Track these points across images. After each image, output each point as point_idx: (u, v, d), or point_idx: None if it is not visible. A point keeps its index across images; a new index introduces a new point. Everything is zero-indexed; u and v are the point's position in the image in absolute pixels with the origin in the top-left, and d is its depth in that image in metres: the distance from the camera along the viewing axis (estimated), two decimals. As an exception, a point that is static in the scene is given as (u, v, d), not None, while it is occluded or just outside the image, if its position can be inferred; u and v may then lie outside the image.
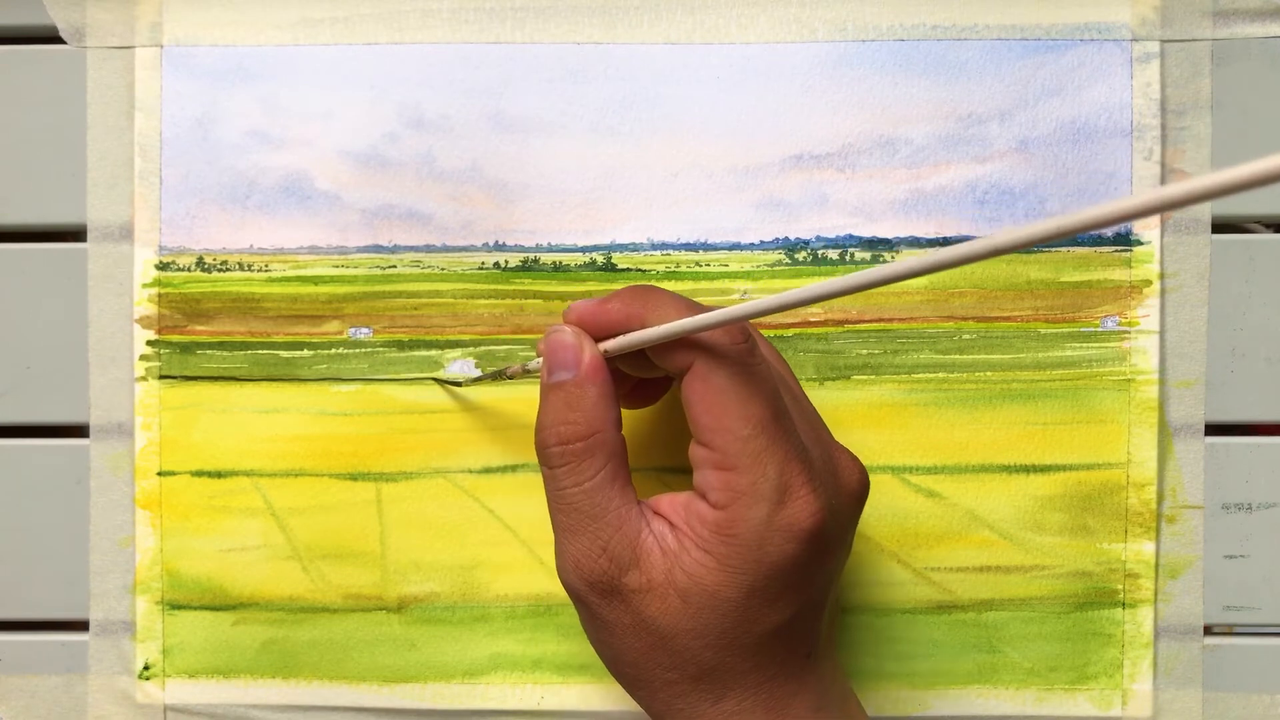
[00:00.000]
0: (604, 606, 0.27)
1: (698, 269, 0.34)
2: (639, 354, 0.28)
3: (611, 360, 0.28)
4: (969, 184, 0.34)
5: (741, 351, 0.26)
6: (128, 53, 0.35)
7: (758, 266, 0.34)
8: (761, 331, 0.34)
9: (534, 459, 0.34)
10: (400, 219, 0.35)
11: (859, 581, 0.34)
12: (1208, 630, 0.35)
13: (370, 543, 0.35)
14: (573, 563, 0.27)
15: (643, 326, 0.27)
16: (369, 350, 0.35)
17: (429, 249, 0.35)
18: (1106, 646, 0.34)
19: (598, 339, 0.28)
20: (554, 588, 0.35)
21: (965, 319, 0.34)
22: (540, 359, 0.29)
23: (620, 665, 0.28)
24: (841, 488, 0.28)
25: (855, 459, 0.29)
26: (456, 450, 0.35)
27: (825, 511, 0.26)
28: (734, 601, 0.26)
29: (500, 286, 0.35)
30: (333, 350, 0.35)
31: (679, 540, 0.27)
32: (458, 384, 0.35)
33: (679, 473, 0.34)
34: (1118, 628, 0.34)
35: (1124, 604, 0.34)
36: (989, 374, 0.34)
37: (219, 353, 0.35)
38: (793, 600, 0.27)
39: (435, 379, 0.35)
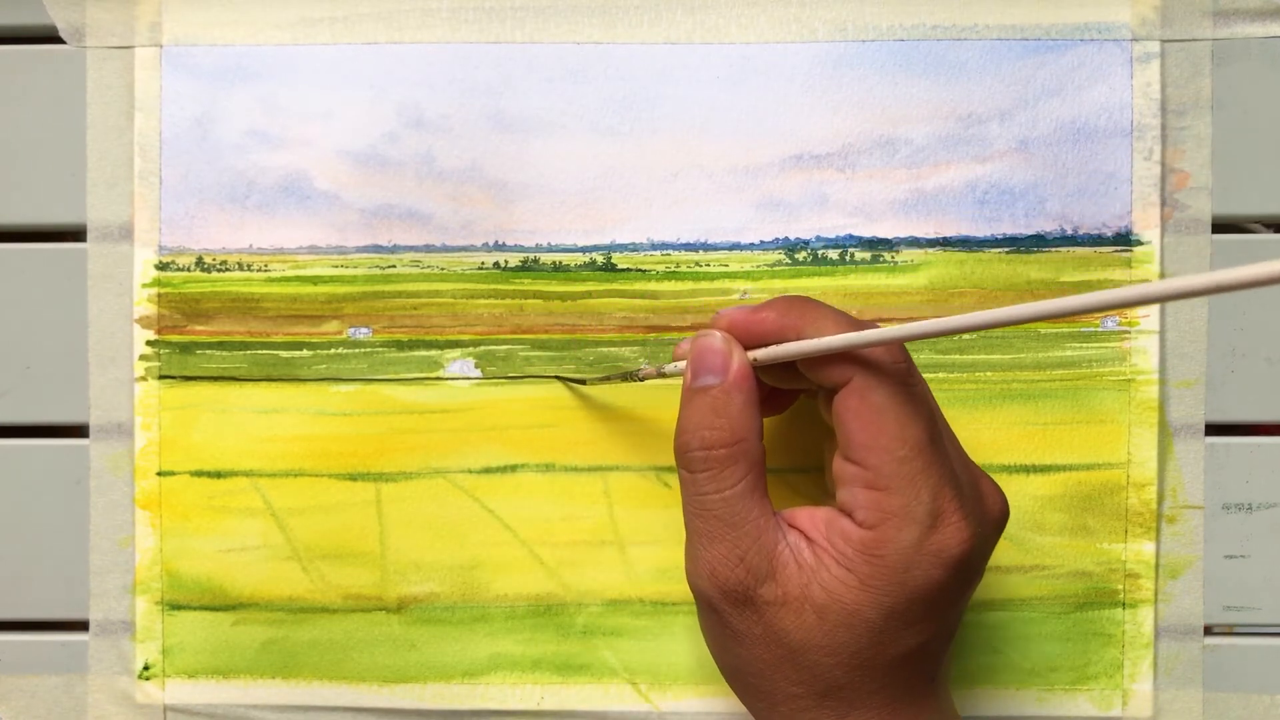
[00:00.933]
0: (735, 616, 0.27)
1: (698, 269, 0.34)
2: (784, 365, 0.27)
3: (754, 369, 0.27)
4: (969, 184, 0.34)
5: (902, 370, 0.26)
6: (127, 53, 0.35)
7: (758, 266, 0.34)
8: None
9: (534, 459, 0.34)
10: (400, 219, 0.35)
11: (859, 581, 0.34)
12: (1208, 630, 0.35)
13: (370, 543, 0.35)
14: (708, 569, 0.27)
15: (799, 338, 0.27)
16: (368, 350, 0.35)
17: (429, 249, 0.35)
18: (1107, 647, 0.34)
19: (745, 347, 0.27)
20: (554, 588, 0.35)
21: (965, 319, 0.34)
22: (678, 362, 0.29)
23: (742, 674, 0.28)
24: (986, 515, 0.28)
25: (996, 486, 0.29)
26: (456, 450, 0.35)
27: (975, 539, 0.26)
28: (872, 622, 0.26)
29: (500, 286, 0.35)
30: (332, 350, 0.35)
31: (816, 555, 0.26)
32: (581, 382, 0.34)
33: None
34: (1118, 628, 0.34)
35: (1124, 604, 0.34)
36: (989, 374, 0.34)
37: (219, 353, 0.35)
38: (929, 625, 0.27)
39: (558, 377, 0.34)
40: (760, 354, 0.27)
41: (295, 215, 0.35)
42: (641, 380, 0.32)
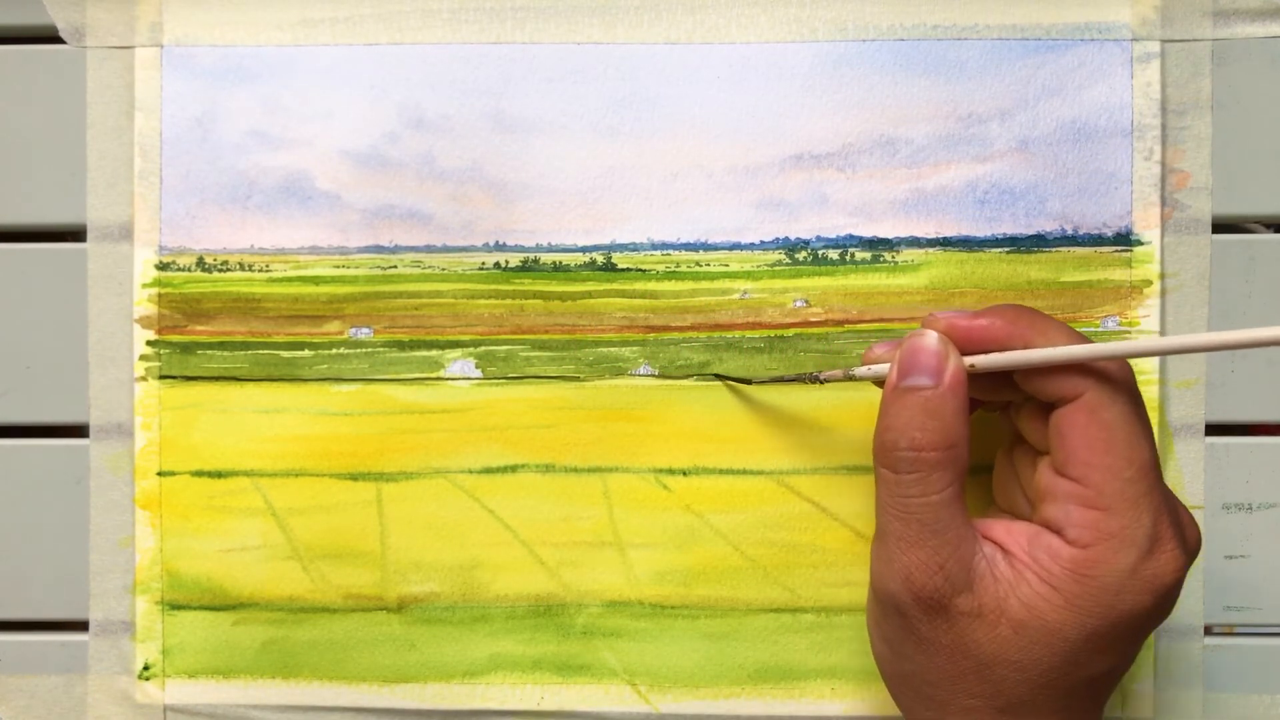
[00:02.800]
0: (925, 623, 0.26)
1: (698, 269, 0.34)
2: (994, 374, 0.27)
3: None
4: (969, 184, 0.34)
5: (1133, 388, 0.26)
6: (128, 53, 0.35)
7: (758, 266, 0.34)
8: (760, 331, 0.34)
9: (534, 459, 0.34)
10: (401, 219, 0.35)
11: (859, 581, 0.34)
12: (1208, 630, 0.35)
13: (370, 543, 0.35)
14: (903, 573, 0.26)
15: (1025, 348, 0.26)
16: (369, 350, 0.35)
17: (429, 249, 0.35)
18: (1107, 646, 0.34)
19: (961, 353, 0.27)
20: (554, 588, 0.35)
21: (965, 319, 0.34)
22: (874, 366, 0.28)
23: (915, 681, 0.28)
24: (1188, 545, 0.27)
25: (1191, 515, 0.28)
26: (456, 450, 0.35)
27: (1185, 569, 0.26)
28: (1071, 642, 0.25)
29: (501, 286, 0.35)
30: (333, 350, 0.35)
31: (1014, 569, 0.26)
32: (746, 382, 0.34)
33: (676, 474, 0.34)
34: (1118, 628, 0.34)
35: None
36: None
37: (219, 353, 0.35)
38: (1122, 651, 0.26)
39: (719, 376, 0.34)
40: (982, 360, 0.27)
41: (296, 215, 0.35)
42: (822, 383, 0.31)
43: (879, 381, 0.29)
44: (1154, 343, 0.25)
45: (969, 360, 0.27)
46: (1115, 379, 0.26)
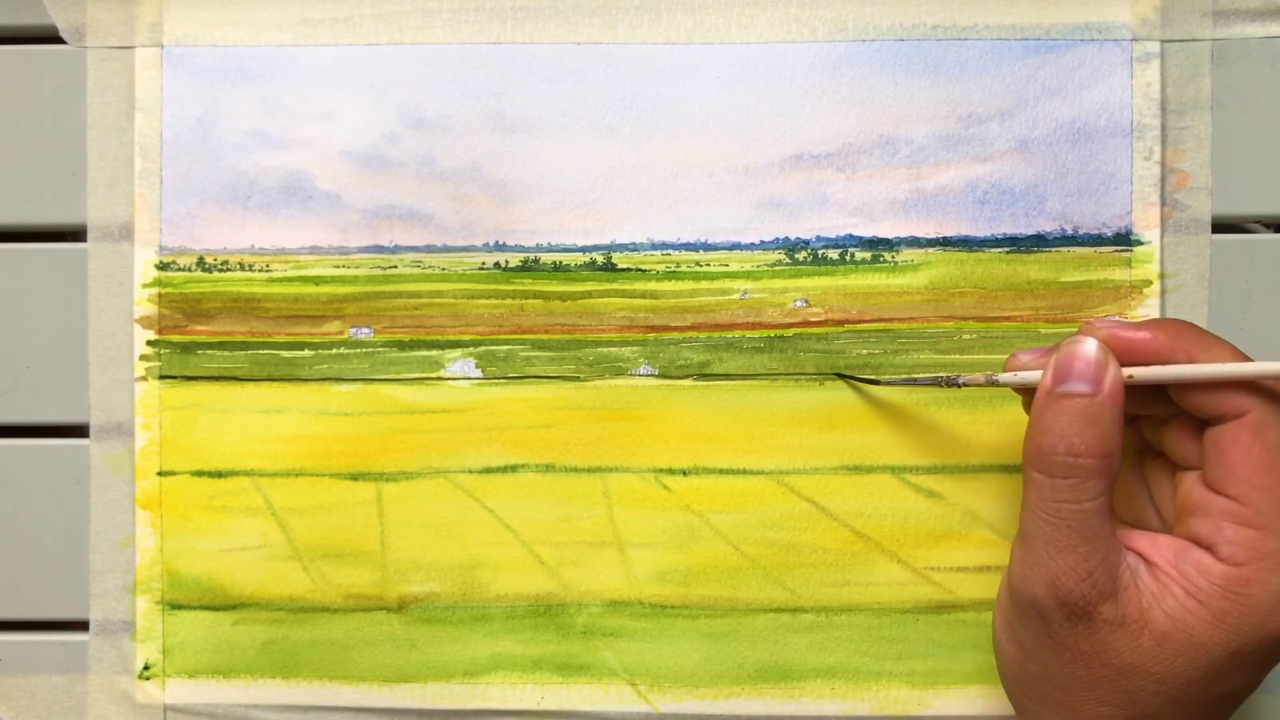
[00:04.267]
0: (1066, 628, 0.27)
1: (698, 269, 0.34)
2: (1148, 387, 0.27)
3: None
4: (969, 184, 0.34)
5: None
6: (128, 53, 0.35)
7: (758, 266, 0.34)
8: (760, 331, 0.34)
9: (534, 459, 0.34)
10: (401, 219, 0.35)
11: (858, 581, 0.34)
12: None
13: (370, 542, 0.35)
14: (1049, 577, 0.26)
15: (1188, 362, 0.26)
16: (370, 350, 0.35)
17: (429, 249, 0.35)
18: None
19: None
20: (554, 588, 0.35)
21: (965, 319, 0.34)
22: (1024, 373, 0.28)
23: (1043, 685, 0.28)
24: None
25: None
26: (456, 450, 0.35)
27: None
28: (1214, 657, 0.25)
29: (501, 286, 0.35)
30: (333, 350, 0.35)
31: (1159, 581, 0.26)
32: (875, 383, 0.34)
33: (676, 474, 0.34)
34: (1118, 627, 0.34)
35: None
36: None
37: (219, 353, 0.35)
38: (1259, 672, 0.26)
39: (840, 375, 0.34)
40: (1142, 372, 0.27)
41: (296, 215, 0.35)
42: (961, 387, 0.31)
43: (1021, 390, 0.29)
44: None
45: (1127, 371, 0.27)
46: None
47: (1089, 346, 0.27)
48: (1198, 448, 0.27)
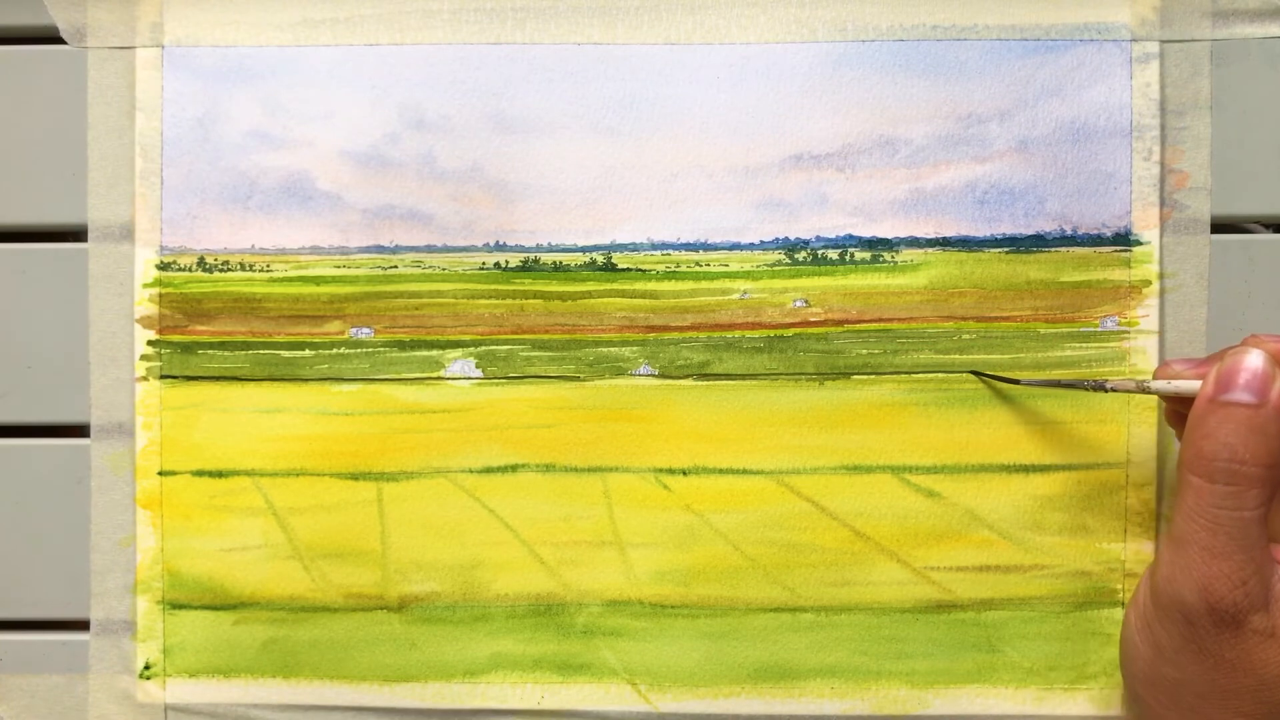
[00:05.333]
0: (1213, 634, 0.27)
1: (698, 269, 0.34)
2: None
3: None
4: (969, 184, 0.34)
5: None
6: (128, 53, 0.35)
7: (758, 266, 0.34)
8: (759, 331, 0.34)
9: (534, 459, 0.34)
10: (401, 219, 0.35)
11: (859, 581, 0.34)
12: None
13: (371, 542, 0.35)
14: (1202, 583, 0.26)
15: None
16: (370, 350, 0.35)
17: (430, 249, 0.35)
18: (1106, 646, 0.34)
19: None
20: (554, 587, 0.35)
21: (965, 319, 0.34)
22: (1175, 380, 0.29)
23: (1179, 690, 0.28)
24: None
25: None
26: (457, 450, 0.35)
27: None
28: None
29: (501, 286, 0.35)
30: (334, 350, 0.35)
31: None
32: (1016, 383, 0.34)
33: (676, 474, 0.34)
34: (1117, 627, 0.34)
35: (1123, 603, 0.34)
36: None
37: (220, 353, 0.35)
38: None
39: (976, 373, 0.34)
40: None
41: (297, 215, 0.35)
42: (1109, 392, 0.32)
43: (1171, 400, 0.29)
44: None
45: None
46: None
47: (1255, 357, 0.27)
48: None
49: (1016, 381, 0.34)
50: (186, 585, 0.35)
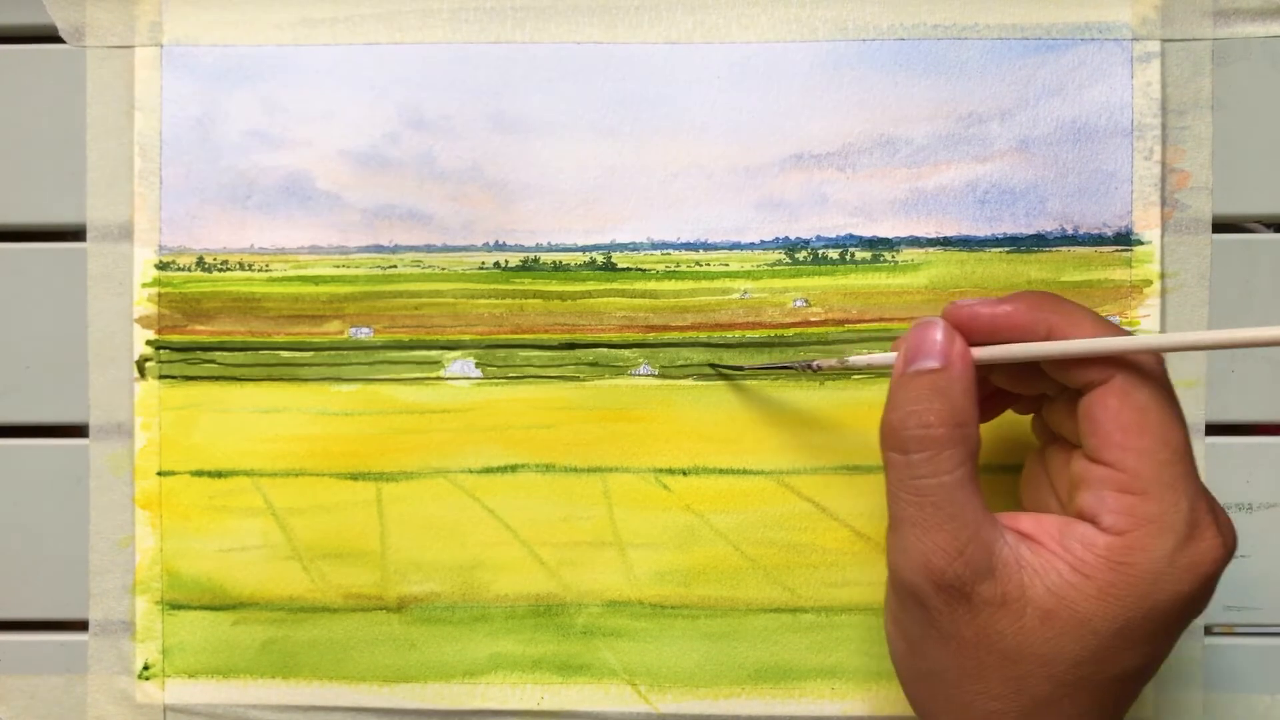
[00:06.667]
0: (946, 614, 0.26)
1: (698, 269, 0.34)
2: (1020, 367, 0.27)
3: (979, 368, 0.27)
4: (969, 183, 0.34)
5: (1162, 371, 0.25)
6: (127, 52, 0.35)
7: (758, 266, 0.34)
8: (760, 331, 0.34)
9: (534, 459, 0.34)
10: (401, 219, 0.35)
11: (859, 581, 0.34)
12: (1208, 630, 0.35)
13: (370, 542, 0.35)
14: (921, 560, 0.26)
15: (1049, 337, 0.26)
16: (370, 350, 0.35)
17: (429, 249, 0.35)
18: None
19: (975, 341, 0.27)
20: (554, 588, 0.35)
21: (965, 319, 0.34)
22: (871, 356, 0.29)
23: (935, 681, 0.27)
24: (1225, 535, 0.26)
25: (1225, 513, 0.26)
26: (456, 450, 0.35)
27: (1226, 557, 0.25)
28: (1101, 634, 0.25)
29: (501, 286, 0.35)
30: (333, 350, 0.35)
31: (1041, 558, 0.25)
32: (741, 369, 0.34)
33: (676, 474, 0.34)
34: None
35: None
36: (989, 374, 0.34)
37: (219, 353, 0.35)
38: (1154, 648, 0.25)
39: (714, 366, 0.34)
40: (984, 352, 0.27)
41: (296, 215, 0.35)
42: (815, 370, 0.31)
43: (863, 371, 0.29)
44: (1157, 339, 0.25)
45: (992, 351, 0.27)
46: (1145, 362, 0.25)
47: (934, 326, 0.27)
48: (1078, 422, 0.27)
49: (740, 369, 0.34)
50: (185, 586, 0.35)
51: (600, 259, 0.34)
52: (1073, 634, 0.25)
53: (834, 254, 0.34)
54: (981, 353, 0.27)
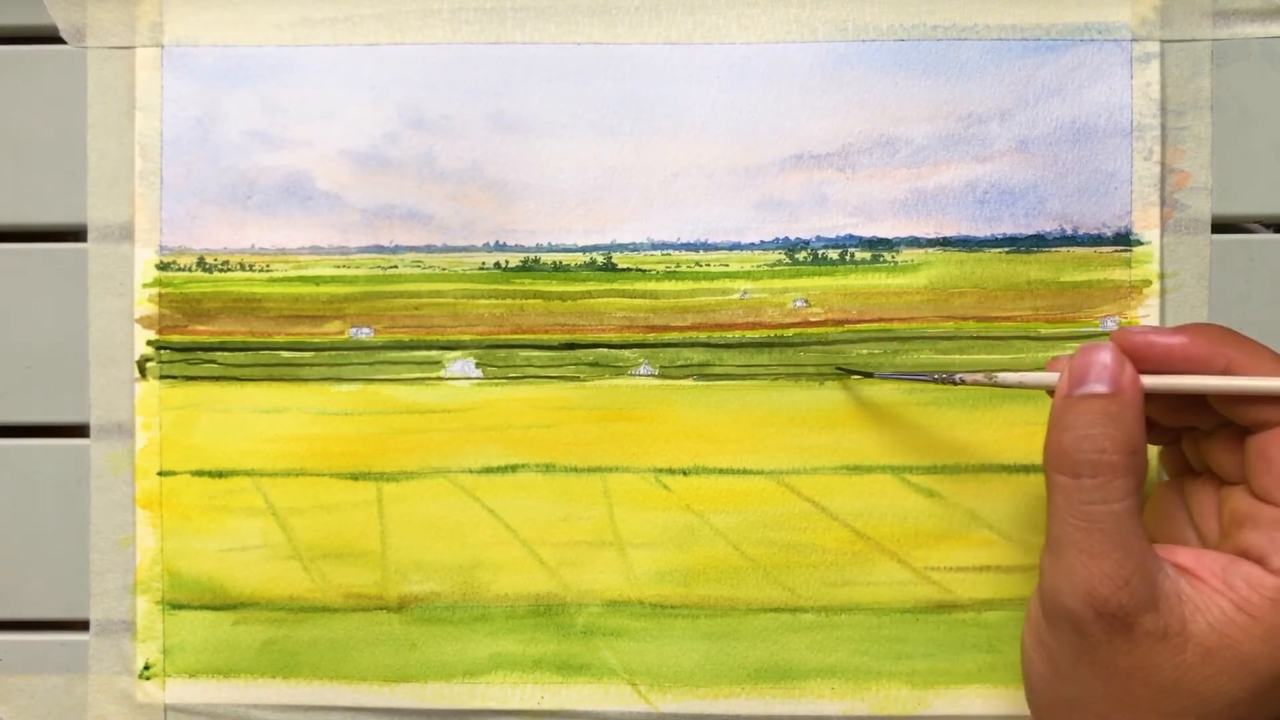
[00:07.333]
0: (1105, 641, 0.25)
1: (698, 269, 0.34)
2: (1184, 397, 0.27)
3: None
4: (969, 184, 0.34)
5: None
6: (128, 53, 0.35)
7: (758, 266, 0.34)
8: (760, 331, 0.34)
9: (534, 459, 0.34)
10: (401, 219, 0.35)
11: (858, 581, 0.34)
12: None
13: (371, 542, 0.35)
14: (1085, 586, 0.25)
15: (1227, 371, 0.26)
16: (370, 350, 0.35)
17: (430, 249, 0.35)
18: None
19: (1141, 369, 0.27)
20: (554, 588, 0.35)
21: (965, 319, 0.34)
22: (1023, 374, 0.28)
23: (1079, 708, 0.26)
24: None
25: None
26: (457, 450, 0.35)
27: None
28: (1262, 676, 0.24)
29: (501, 286, 0.35)
30: (334, 350, 0.35)
31: (1203, 594, 0.25)
32: (870, 375, 0.33)
33: (676, 474, 0.34)
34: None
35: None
36: (989, 374, 0.34)
37: (220, 353, 0.35)
38: None
39: (839, 368, 0.34)
40: (1153, 381, 0.26)
41: (297, 215, 0.35)
42: (957, 383, 0.31)
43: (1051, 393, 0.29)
44: None
45: (1156, 380, 0.27)
46: None
47: (1104, 353, 0.27)
48: (1242, 460, 0.27)
49: (871, 374, 0.33)
50: (186, 585, 0.35)
51: (600, 259, 0.35)
52: (1232, 673, 0.25)
53: (834, 254, 0.34)
54: (1153, 381, 0.27)
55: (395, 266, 0.35)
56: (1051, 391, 0.28)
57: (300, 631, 0.35)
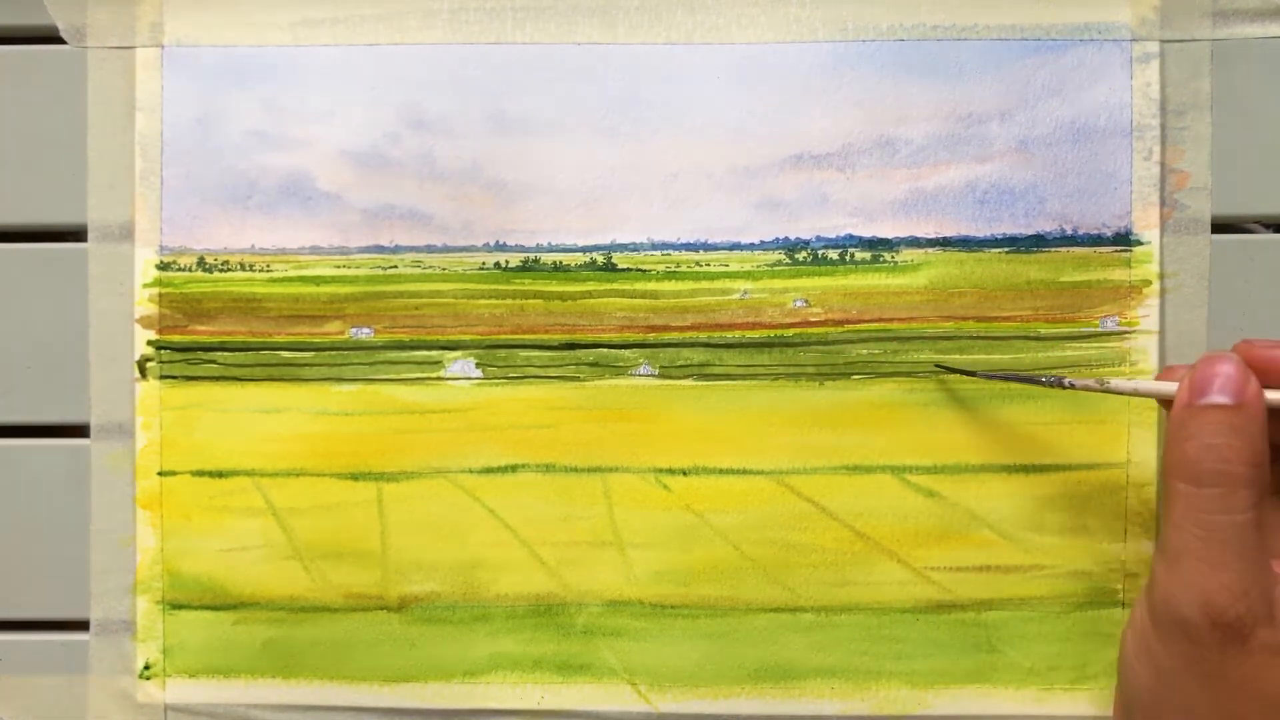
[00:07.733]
0: (1217, 652, 0.25)
1: (698, 269, 0.34)
2: None
3: None
4: (969, 184, 0.34)
5: None
6: (128, 53, 0.35)
7: (758, 266, 0.34)
8: (760, 331, 0.34)
9: (534, 459, 0.34)
10: (401, 219, 0.35)
11: (858, 581, 0.34)
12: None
13: (371, 542, 0.35)
14: (1202, 596, 0.25)
15: None
16: (370, 350, 0.35)
17: (430, 249, 0.35)
18: (1106, 646, 0.34)
19: (1264, 383, 0.27)
20: (554, 588, 0.35)
21: (965, 319, 0.34)
22: (1137, 381, 0.28)
23: (1175, 717, 0.26)
24: None
25: None
26: (457, 450, 0.35)
27: None
28: None
29: (501, 286, 0.35)
30: (334, 350, 0.35)
31: None
32: (972, 374, 0.33)
33: (676, 474, 0.34)
34: (1117, 627, 0.34)
35: (1123, 604, 0.34)
36: (989, 374, 0.34)
37: (220, 353, 0.35)
38: None
39: (939, 366, 0.34)
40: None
41: (297, 215, 0.35)
42: (1067, 387, 0.31)
43: (1163, 403, 0.29)
44: None
45: (1270, 394, 0.27)
46: None
47: (1227, 363, 0.27)
48: None
49: (973, 374, 0.33)
50: (186, 585, 0.35)
51: (600, 259, 0.35)
52: None
53: (834, 254, 0.34)
54: (1276, 396, 0.27)
55: (395, 266, 0.35)
56: (1164, 401, 0.28)
57: (300, 631, 0.35)
